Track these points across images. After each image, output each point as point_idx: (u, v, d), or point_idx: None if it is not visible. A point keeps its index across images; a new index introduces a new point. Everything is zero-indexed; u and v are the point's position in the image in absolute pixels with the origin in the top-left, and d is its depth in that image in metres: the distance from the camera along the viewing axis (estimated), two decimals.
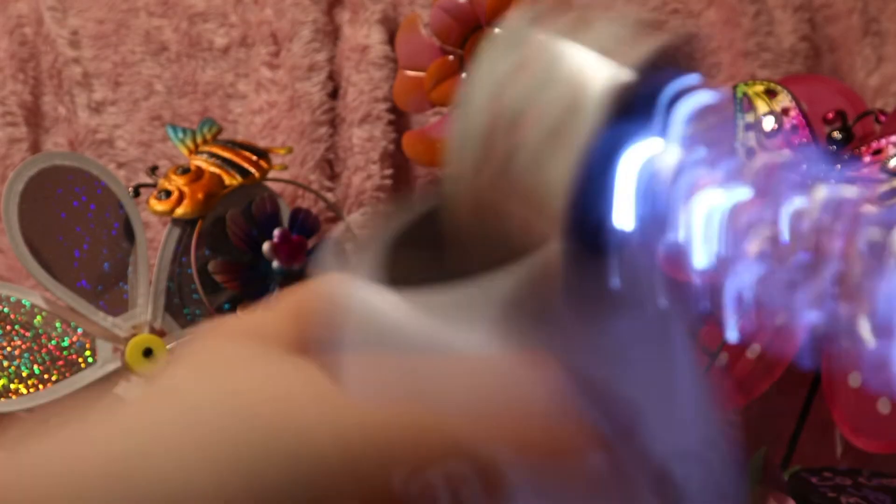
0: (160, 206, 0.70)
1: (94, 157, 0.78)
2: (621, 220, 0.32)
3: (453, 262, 0.34)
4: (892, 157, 0.66)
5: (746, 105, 0.72)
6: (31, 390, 0.69)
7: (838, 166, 0.68)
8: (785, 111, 0.71)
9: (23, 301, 0.71)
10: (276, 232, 0.72)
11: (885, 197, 0.64)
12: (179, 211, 0.70)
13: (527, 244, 0.32)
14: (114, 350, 0.71)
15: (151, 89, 0.82)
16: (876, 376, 0.29)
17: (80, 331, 0.71)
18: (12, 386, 0.68)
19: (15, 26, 0.82)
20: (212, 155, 0.73)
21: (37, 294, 0.71)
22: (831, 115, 0.70)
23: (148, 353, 0.70)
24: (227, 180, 0.72)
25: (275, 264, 0.72)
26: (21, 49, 0.82)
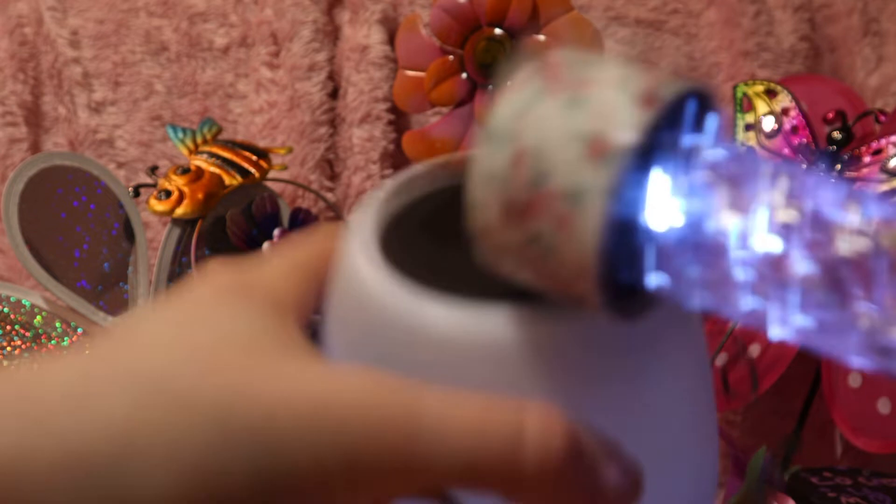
0: (160, 206, 0.70)
1: (94, 157, 0.78)
2: (653, 276, 0.32)
3: (456, 253, 0.34)
4: (892, 157, 0.66)
5: (746, 105, 0.72)
6: None
7: (838, 166, 0.68)
8: (785, 111, 0.71)
9: (23, 301, 0.71)
10: (276, 232, 0.72)
11: (886, 197, 0.64)
12: (179, 211, 0.70)
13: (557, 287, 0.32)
14: None
15: (151, 89, 0.82)
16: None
17: (80, 331, 0.71)
18: None
19: (15, 26, 0.82)
20: (212, 155, 0.73)
21: (37, 294, 0.71)
22: (831, 115, 0.70)
23: None
24: (227, 180, 0.72)
25: None
26: (21, 49, 0.82)
